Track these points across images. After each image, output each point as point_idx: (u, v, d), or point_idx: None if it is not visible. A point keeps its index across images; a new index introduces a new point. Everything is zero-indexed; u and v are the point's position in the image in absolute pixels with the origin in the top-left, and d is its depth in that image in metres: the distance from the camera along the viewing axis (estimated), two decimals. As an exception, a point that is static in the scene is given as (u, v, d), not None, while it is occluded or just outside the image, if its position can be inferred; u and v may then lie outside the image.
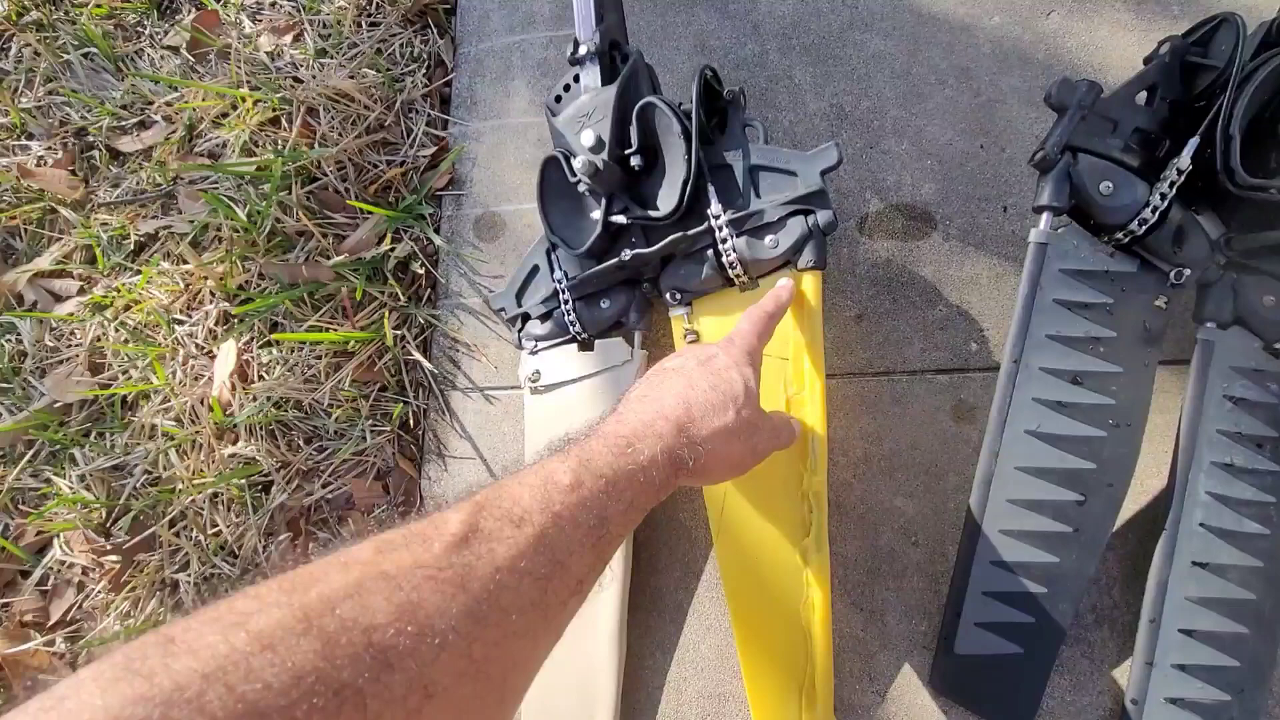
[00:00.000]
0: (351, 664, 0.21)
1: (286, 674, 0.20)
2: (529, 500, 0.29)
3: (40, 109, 0.79)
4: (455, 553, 0.26)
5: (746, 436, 0.39)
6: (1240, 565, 0.46)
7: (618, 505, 0.32)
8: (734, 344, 0.42)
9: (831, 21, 0.66)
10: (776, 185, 0.51)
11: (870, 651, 0.52)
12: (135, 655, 0.20)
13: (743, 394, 0.39)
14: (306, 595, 0.23)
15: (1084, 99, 0.46)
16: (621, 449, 0.33)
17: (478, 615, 0.25)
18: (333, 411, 0.64)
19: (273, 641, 0.21)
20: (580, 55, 0.55)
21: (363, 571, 0.24)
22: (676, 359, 0.42)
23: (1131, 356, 0.47)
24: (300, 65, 0.75)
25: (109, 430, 0.67)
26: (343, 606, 0.22)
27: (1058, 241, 0.47)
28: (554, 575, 0.28)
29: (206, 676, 0.19)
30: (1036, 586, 0.47)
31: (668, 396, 0.37)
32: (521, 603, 0.27)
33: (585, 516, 0.30)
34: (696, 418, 0.37)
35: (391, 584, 0.24)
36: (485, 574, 0.26)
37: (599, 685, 0.52)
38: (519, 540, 0.27)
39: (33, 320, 0.72)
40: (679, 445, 0.35)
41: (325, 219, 0.69)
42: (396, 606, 0.23)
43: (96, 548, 0.63)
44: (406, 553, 0.25)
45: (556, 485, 0.30)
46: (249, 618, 0.21)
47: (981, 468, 0.48)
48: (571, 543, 0.29)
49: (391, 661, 0.22)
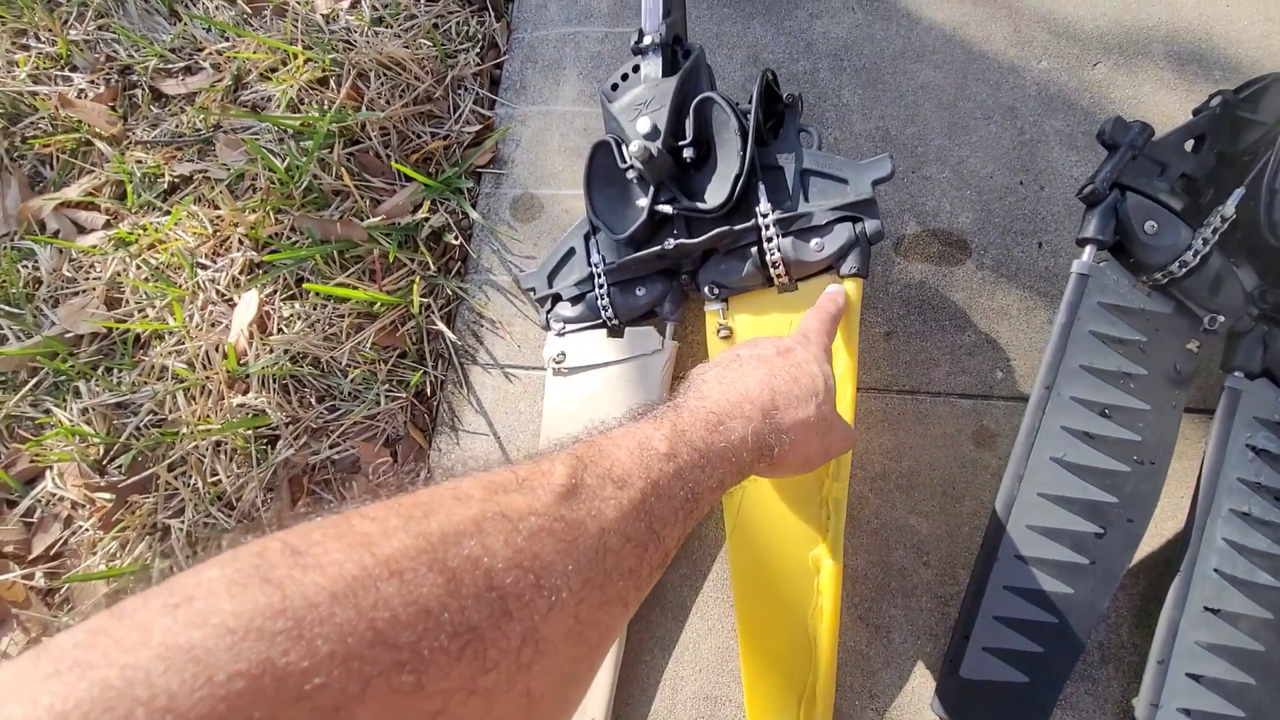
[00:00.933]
0: (475, 604, 0.21)
1: (414, 606, 0.19)
2: (629, 462, 0.28)
3: (88, 42, 0.79)
4: (564, 504, 0.25)
5: (824, 433, 0.38)
6: (1251, 615, 0.46)
7: (708, 481, 0.31)
8: (810, 340, 0.42)
9: (884, 48, 0.68)
10: (826, 191, 0.51)
11: (873, 668, 0.52)
12: (263, 560, 0.19)
13: (823, 389, 0.38)
14: (427, 524, 0.22)
15: (1136, 139, 0.47)
16: (714, 425, 0.33)
17: (586, 575, 0.24)
18: (349, 372, 0.63)
19: (400, 569, 0.20)
20: (644, 45, 0.56)
21: (480, 509, 0.23)
22: (752, 347, 0.41)
23: (1160, 396, 0.48)
24: (355, 31, 0.75)
25: (118, 367, 0.66)
26: (466, 543, 0.22)
27: (1098, 275, 0.48)
28: (650, 544, 0.27)
29: (336, 596, 0.18)
30: (1048, 616, 0.47)
31: (751, 381, 0.36)
32: (622, 568, 0.26)
33: (680, 488, 0.29)
34: (781, 406, 0.36)
35: (510, 526, 0.23)
36: (594, 532, 0.25)
37: (596, 677, 0.51)
38: (622, 502, 0.27)
39: (53, 248, 0.71)
40: (766, 430, 0.35)
41: (363, 181, 0.69)
42: (515, 551, 0.22)
43: (90, 483, 0.61)
44: (520, 496, 0.24)
45: (654, 452, 0.29)
46: (373, 540, 0.20)
47: (1004, 490, 0.48)
48: (666, 513, 0.28)
49: (511, 609, 0.21)
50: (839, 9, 0.70)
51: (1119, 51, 0.64)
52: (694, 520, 0.30)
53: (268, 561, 0.19)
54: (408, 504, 0.22)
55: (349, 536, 0.20)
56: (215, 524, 0.60)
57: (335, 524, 0.21)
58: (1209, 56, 0.62)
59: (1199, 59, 0.62)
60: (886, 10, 0.69)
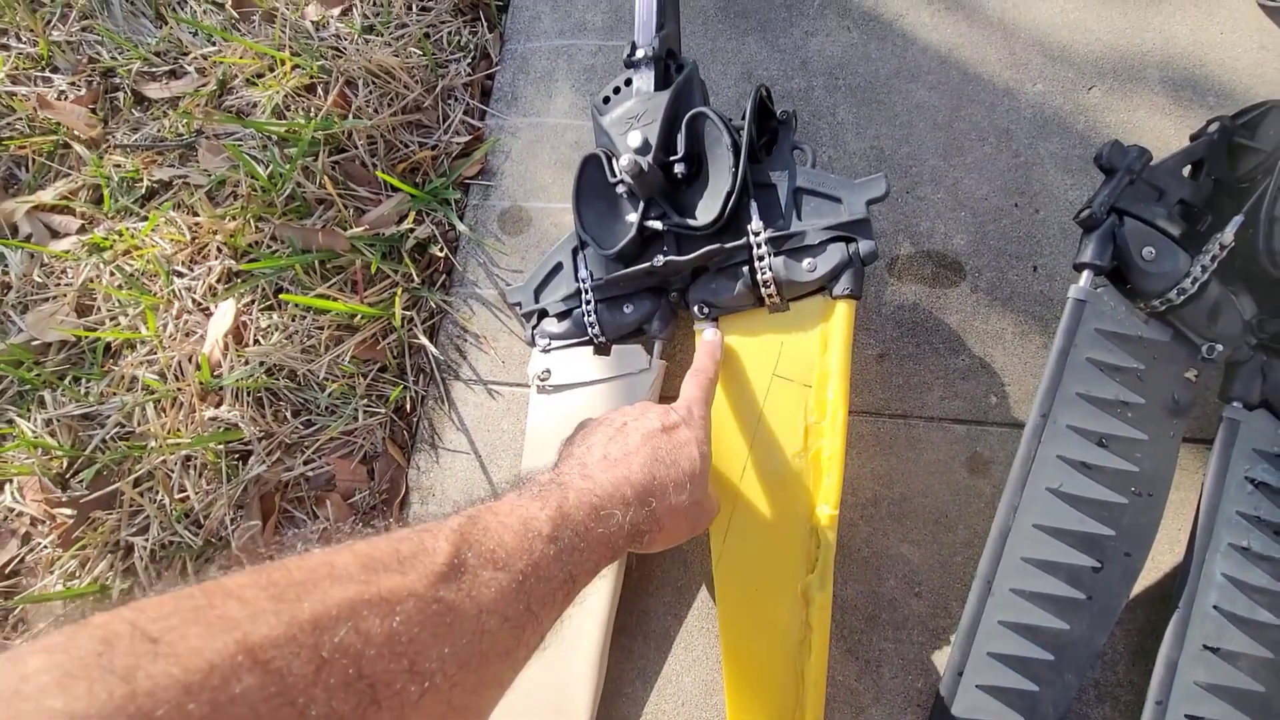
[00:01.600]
0: (344, 695, 0.20)
1: (278, 699, 0.18)
2: (512, 543, 0.28)
3: (71, 44, 0.77)
4: (443, 585, 0.25)
5: (693, 516, 0.39)
6: (1251, 654, 0.45)
7: (585, 565, 0.32)
8: (694, 415, 0.42)
9: (880, 67, 0.67)
10: (820, 210, 0.50)
11: (862, 704, 0.50)
12: (108, 646, 0.17)
13: (700, 474, 0.39)
14: (299, 608, 0.21)
15: (1134, 163, 0.46)
16: (595, 510, 0.33)
17: (462, 659, 0.24)
18: (327, 385, 0.61)
19: (265, 659, 0.19)
20: (636, 59, 0.55)
21: (358, 591, 0.22)
22: (638, 418, 0.41)
23: (1158, 426, 0.47)
24: (345, 38, 0.74)
25: (86, 376, 0.64)
26: (340, 629, 0.21)
27: (1096, 301, 0.47)
28: (528, 624, 0.28)
29: (189, 689, 0.17)
30: (1043, 653, 0.46)
31: (635, 464, 0.37)
32: (499, 649, 0.26)
33: (559, 571, 0.30)
34: (658, 493, 0.37)
35: (387, 609, 0.22)
36: (472, 614, 0.25)
37: (573, 707, 0.49)
38: (502, 584, 0.27)
39: (24, 252, 0.68)
40: (641, 519, 0.36)
41: (348, 190, 0.68)
42: (389, 636, 0.22)
43: (51, 498, 0.59)
44: (399, 576, 0.24)
45: (538, 534, 0.30)
46: (237, 624, 0.19)
47: (999, 520, 0.46)
48: (545, 594, 0.29)
49: (380, 698, 0.21)
50: (834, 28, 0.69)
51: (1114, 76, 0.63)
52: (569, 601, 0.31)
53: (113, 648, 0.17)
54: (280, 580, 0.21)
55: (210, 619, 0.19)
56: (181, 542, 0.58)
57: (195, 603, 0.19)
58: (1203, 83, 0.62)
59: (1193, 85, 0.62)
60: (882, 30, 0.68)
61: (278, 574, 0.22)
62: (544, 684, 0.50)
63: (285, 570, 0.22)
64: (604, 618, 0.50)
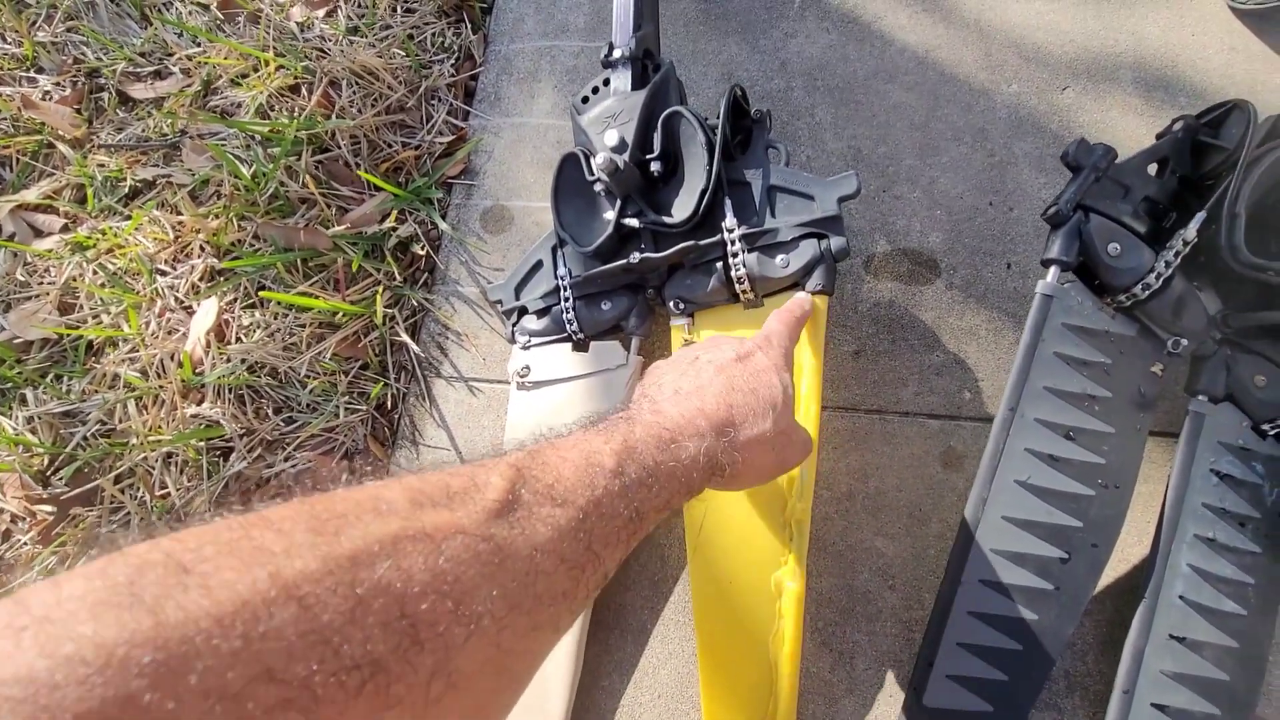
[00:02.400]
0: (382, 634, 0.19)
1: (311, 636, 0.17)
2: (572, 478, 0.27)
3: (55, 44, 0.78)
4: (495, 522, 0.23)
5: (780, 447, 0.37)
6: (1216, 644, 0.46)
7: (654, 501, 0.29)
8: (772, 344, 0.40)
9: (858, 68, 0.68)
10: (793, 207, 0.51)
11: (835, 695, 0.50)
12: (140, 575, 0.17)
13: (781, 401, 0.36)
14: (338, 542, 0.20)
15: (1099, 161, 0.47)
16: (666, 443, 0.31)
17: (513, 600, 0.22)
18: (309, 383, 0.62)
19: (300, 594, 0.18)
20: (614, 58, 0.55)
21: (402, 526, 0.21)
22: (709, 350, 0.39)
23: (1125, 419, 0.47)
24: (329, 39, 0.75)
25: (68, 374, 0.64)
26: (379, 565, 0.20)
27: (1063, 296, 0.48)
28: (588, 565, 0.26)
29: (220, 621, 0.16)
30: (1013, 643, 0.46)
31: (709, 394, 0.35)
32: (554, 591, 0.24)
33: (624, 507, 0.28)
34: (738, 422, 0.34)
35: (431, 547, 0.21)
36: (525, 554, 0.23)
37: (550, 699, 0.49)
38: (560, 521, 0.25)
39: (7, 251, 0.69)
40: (719, 449, 0.33)
41: (331, 189, 0.68)
42: (434, 574, 0.20)
43: (31, 495, 0.59)
44: (447, 512, 0.22)
45: (600, 468, 0.27)
46: (272, 556, 0.18)
47: (968, 513, 0.47)
48: (608, 533, 0.27)
49: (423, 639, 0.20)
50: (814, 29, 0.70)
51: (1087, 77, 0.64)
52: (637, 540, 0.29)
53: (146, 577, 0.16)
54: (321, 512, 0.20)
55: (246, 552, 0.18)
56: (161, 539, 0.58)
57: (233, 534, 0.19)
58: (1174, 83, 0.63)
59: (1165, 85, 0.63)
60: (860, 32, 0.69)
61: (320, 506, 0.21)
62: (521, 677, 0.51)
63: (329, 502, 0.21)
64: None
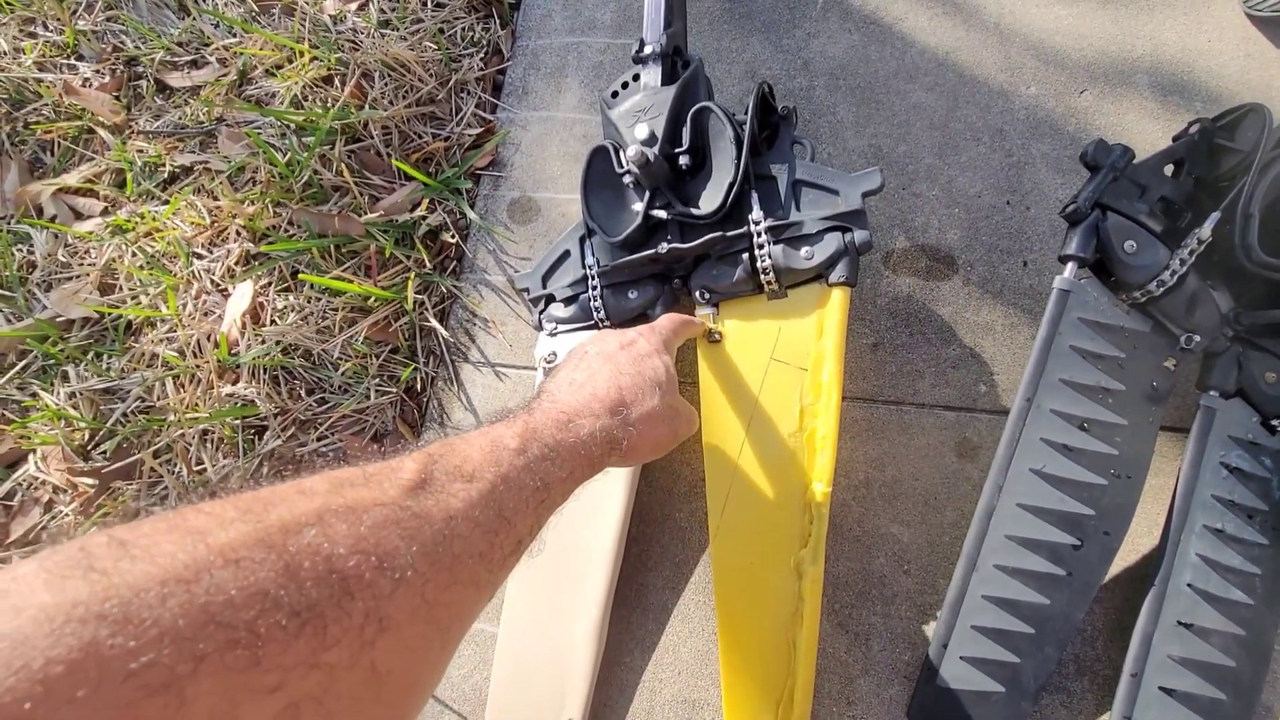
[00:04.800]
0: (315, 586, 0.21)
1: (250, 588, 0.19)
2: (479, 458, 0.30)
3: (96, 33, 0.80)
4: (410, 495, 0.26)
5: (669, 420, 0.41)
6: (1223, 631, 0.47)
7: (559, 473, 0.33)
8: (655, 332, 0.45)
9: (879, 68, 0.70)
10: (817, 201, 0.52)
11: (851, 675, 0.52)
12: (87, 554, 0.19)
13: (665, 379, 0.41)
14: (266, 517, 0.22)
15: (1117, 161, 0.48)
16: (563, 423, 0.35)
17: (433, 557, 0.25)
18: (341, 365, 0.64)
19: (236, 557, 0.20)
20: (645, 54, 0.57)
21: (324, 501, 0.24)
22: (596, 343, 0.43)
23: (1137, 412, 0.49)
24: (361, 32, 0.77)
25: (108, 353, 0.66)
26: (306, 533, 0.22)
27: (1079, 291, 0.49)
28: (500, 530, 0.29)
29: (165, 582, 0.18)
30: (1025, 627, 0.48)
31: (600, 381, 0.39)
32: (471, 551, 0.27)
33: (530, 479, 0.31)
34: (629, 401, 0.39)
35: (353, 516, 0.24)
36: (440, 519, 0.26)
37: (574, 673, 0.51)
38: (470, 493, 0.28)
39: (49, 233, 0.71)
40: (614, 426, 0.37)
41: (363, 178, 0.70)
42: (357, 538, 0.23)
43: (73, 468, 0.61)
44: (365, 490, 0.25)
45: (504, 448, 0.31)
46: (208, 531, 0.20)
47: (984, 500, 0.49)
48: (517, 502, 0.30)
49: (352, 589, 0.22)
50: (836, 30, 0.71)
51: (1104, 80, 0.66)
52: (548, 509, 0.32)
53: (92, 554, 0.18)
54: (248, 499, 0.23)
55: (181, 529, 0.20)
56: (198, 512, 0.60)
57: (167, 519, 0.21)
58: (1191, 88, 0.64)
59: (1181, 90, 0.64)
60: (882, 33, 0.71)
61: (246, 495, 0.23)
62: (547, 653, 0.52)
63: (255, 493, 0.23)
64: (604, 591, 0.52)
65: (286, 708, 0.19)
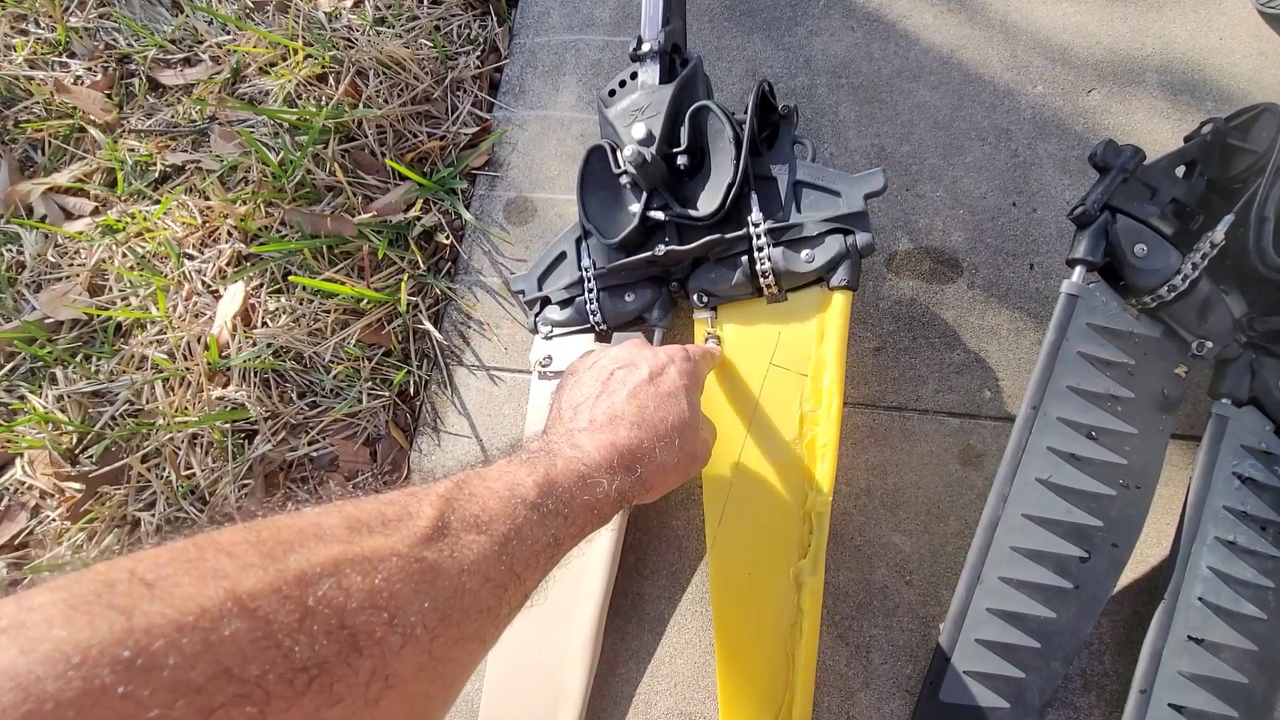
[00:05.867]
0: (326, 641, 0.21)
1: (263, 642, 0.19)
2: (496, 508, 0.29)
3: (88, 30, 0.79)
4: (425, 546, 0.26)
5: (684, 469, 0.40)
6: (1235, 646, 0.46)
7: (570, 530, 0.32)
8: (690, 361, 0.43)
9: (882, 67, 0.68)
10: (818, 203, 0.51)
11: (852, 689, 0.50)
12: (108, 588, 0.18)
13: (687, 424, 0.40)
14: (284, 564, 0.22)
15: (1127, 162, 0.47)
16: (582, 479, 0.34)
17: (443, 613, 0.25)
18: (333, 368, 0.62)
19: (252, 607, 0.20)
20: (642, 52, 0.56)
21: (341, 550, 0.23)
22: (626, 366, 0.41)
23: (1147, 420, 0.47)
24: (356, 30, 0.76)
25: (97, 355, 0.65)
26: (322, 584, 0.22)
27: (1088, 296, 0.48)
28: (510, 584, 0.28)
29: (183, 629, 0.18)
30: (1030, 641, 0.46)
31: (622, 428, 0.38)
32: (480, 607, 0.27)
33: (543, 534, 0.31)
34: (646, 454, 0.38)
35: (369, 567, 0.23)
36: (453, 573, 0.26)
37: (568, 686, 0.50)
38: (484, 546, 0.28)
39: (38, 233, 0.70)
40: (627, 485, 0.36)
41: (357, 178, 0.69)
42: (371, 591, 0.23)
43: (60, 472, 0.60)
44: (382, 538, 0.25)
45: (522, 500, 0.30)
46: (226, 575, 0.20)
47: (989, 510, 0.47)
48: (528, 557, 0.30)
49: (361, 646, 0.22)
50: (838, 27, 0.70)
51: (1113, 79, 0.64)
52: (554, 563, 0.32)
53: (113, 589, 0.18)
54: (269, 538, 0.22)
55: (201, 570, 0.20)
56: (186, 518, 0.59)
57: (188, 555, 0.21)
58: (1201, 87, 0.63)
59: (1192, 89, 0.63)
60: (885, 30, 0.69)
61: (266, 531, 0.23)
62: (540, 664, 0.51)
63: (274, 528, 0.23)
64: (599, 600, 0.51)
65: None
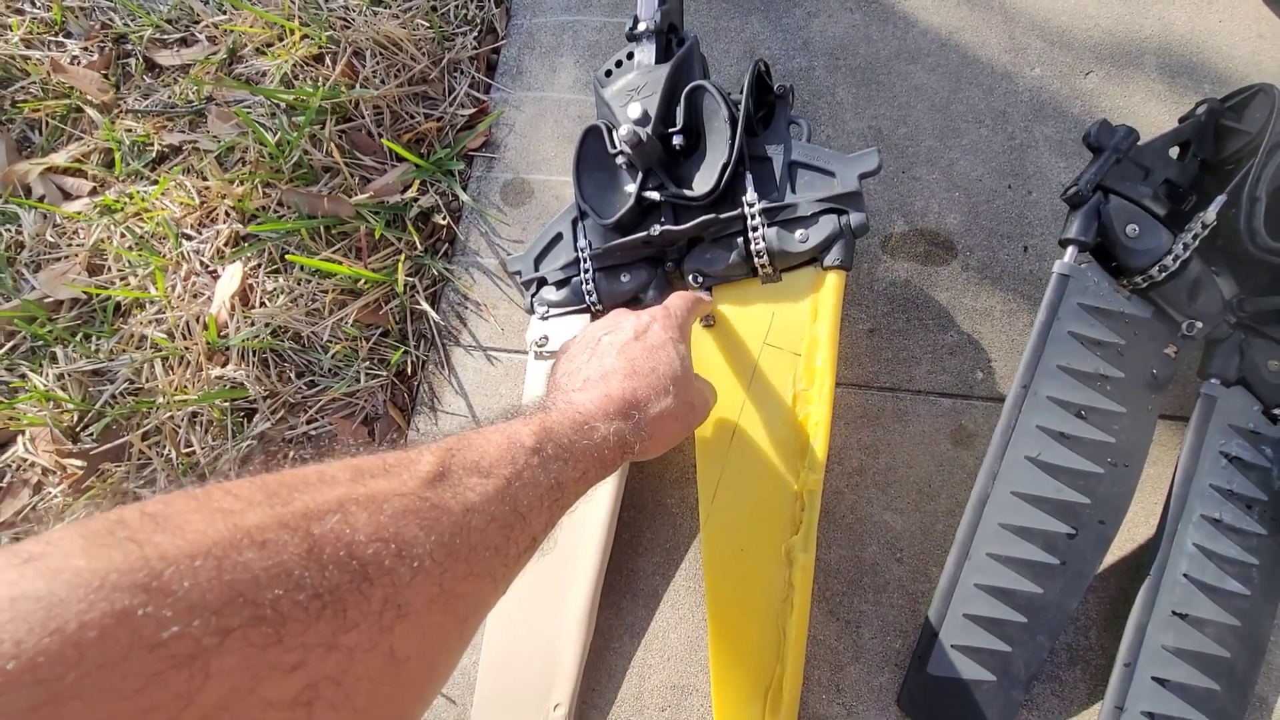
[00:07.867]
0: (336, 570, 0.21)
1: (275, 569, 0.20)
2: (495, 454, 0.30)
3: (84, 9, 0.78)
4: (429, 488, 0.26)
5: (684, 416, 0.41)
6: (1218, 621, 0.46)
7: (572, 474, 0.33)
8: (670, 314, 0.44)
9: (880, 49, 0.68)
10: (813, 183, 0.51)
11: (841, 662, 0.51)
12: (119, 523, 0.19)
13: (679, 372, 0.41)
14: (291, 502, 0.22)
15: (1121, 143, 0.47)
16: (579, 425, 0.35)
17: (450, 548, 0.25)
18: (330, 348, 0.63)
19: (261, 539, 0.20)
20: (639, 31, 0.56)
21: (346, 490, 0.24)
22: (610, 331, 0.43)
23: (1136, 399, 0.48)
24: (353, 10, 0.75)
25: (97, 334, 0.65)
26: (328, 519, 0.22)
27: (1079, 276, 0.48)
28: (515, 525, 0.29)
29: (195, 556, 0.19)
30: (1017, 615, 0.47)
31: (614, 381, 0.39)
32: (487, 544, 0.27)
33: (544, 478, 0.31)
34: (642, 402, 0.39)
35: (373, 505, 0.24)
36: (457, 511, 0.27)
37: (563, 658, 0.51)
38: (486, 488, 0.28)
39: (37, 213, 0.70)
40: (627, 429, 0.37)
41: (354, 159, 0.69)
42: (378, 527, 0.23)
43: (62, 449, 0.60)
44: (385, 480, 0.26)
45: (521, 446, 0.31)
46: (233, 512, 0.21)
47: (978, 487, 0.48)
48: (532, 498, 0.30)
49: (371, 575, 0.22)
50: (836, 9, 0.70)
51: (1111, 61, 0.64)
52: (561, 508, 0.33)
53: (125, 525, 0.19)
54: (273, 482, 0.23)
55: (209, 508, 0.21)
56: (187, 495, 0.60)
57: (196, 496, 0.21)
58: (1200, 70, 0.62)
59: (1190, 72, 0.63)
60: (883, 12, 0.69)
61: (271, 479, 0.23)
62: (536, 637, 0.52)
63: (279, 476, 0.24)
64: (594, 576, 0.52)
65: (306, 687, 0.20)
